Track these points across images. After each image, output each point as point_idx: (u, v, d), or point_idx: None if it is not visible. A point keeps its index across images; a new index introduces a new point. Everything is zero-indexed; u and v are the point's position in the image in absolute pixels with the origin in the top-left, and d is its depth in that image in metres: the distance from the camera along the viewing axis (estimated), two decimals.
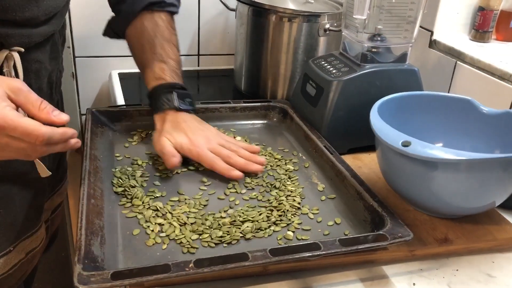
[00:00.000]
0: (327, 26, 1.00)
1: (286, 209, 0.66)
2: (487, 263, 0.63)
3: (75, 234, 0.57)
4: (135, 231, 0.61)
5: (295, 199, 0.68)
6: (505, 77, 0.83)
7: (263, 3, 1.01)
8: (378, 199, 0.64)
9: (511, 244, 0.66)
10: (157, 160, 0.77)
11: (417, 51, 1.03)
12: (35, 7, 0.62)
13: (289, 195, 0.69)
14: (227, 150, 0.75)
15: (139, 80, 1.16)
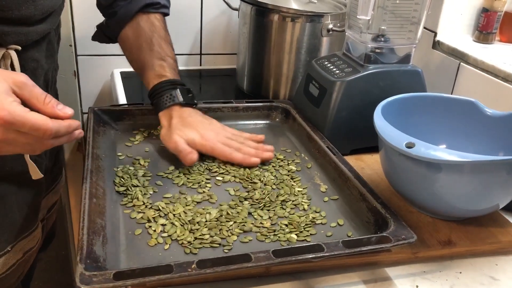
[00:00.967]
0: (330, 26, 0.99)
1: (299, 221, 0.64)
2: (491, 265, 0.63)
3: (76, 233, 0.57)
4: (137, 231, 0.60)
5: (303, 204, 0.68)
6: (509, 78, 0.82)
7: (266, 2, 1.01)
8: (381, 201, 0.64)
9: None
10: (160, 159, 0.76)
11: (420, 52, 1.03)
12: (32, 6, 0.62)
13: (296, 200, 0.69)
14: (236, 142, 0.77)
15: None
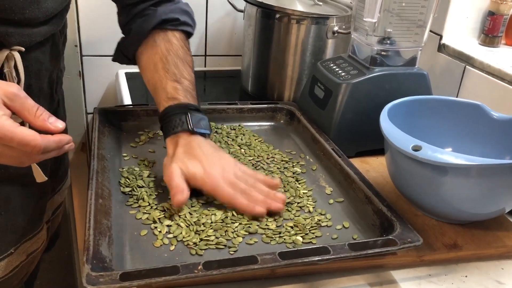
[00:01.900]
0: (336, 28, 0.99)
1: (304, 223, 0.64)
2: (497, 269, 0.63)
3: (81, 234, 0.57)
4: (142, 232, 0.60)
5: (309, 206, 0.68)
6: None
7: (271, 4, 1.01)
8: (387, 203, 0.64)
9: None
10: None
11: (426, 55, 1.03)
12: (36, 9, 0.62)
13: (301, 202, 0.69)
14: (243, 184, 0.67)
15: None
